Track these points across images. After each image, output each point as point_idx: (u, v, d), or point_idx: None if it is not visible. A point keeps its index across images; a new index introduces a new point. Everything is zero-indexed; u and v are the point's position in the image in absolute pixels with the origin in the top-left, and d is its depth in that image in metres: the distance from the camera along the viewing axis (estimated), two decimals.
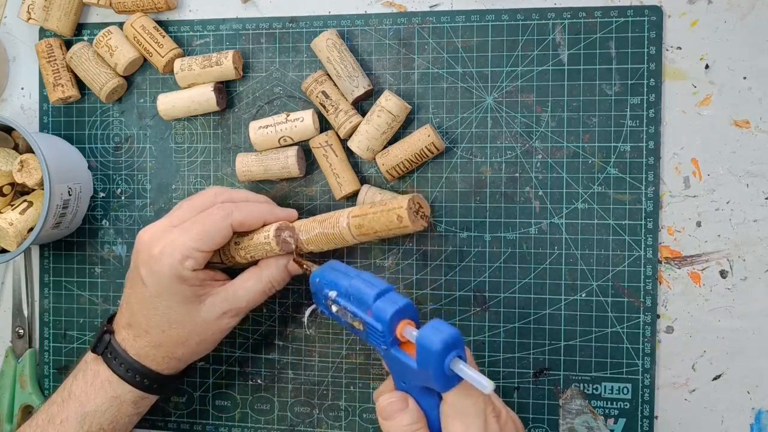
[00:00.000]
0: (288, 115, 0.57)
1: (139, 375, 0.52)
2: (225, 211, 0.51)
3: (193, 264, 0.50)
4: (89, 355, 0.54)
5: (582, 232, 0.55)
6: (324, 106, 0.57)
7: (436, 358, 0.39)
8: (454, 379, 0.41)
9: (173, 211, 0.53)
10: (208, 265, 0.53)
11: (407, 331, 0.42)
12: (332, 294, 0.47)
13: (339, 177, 0.57)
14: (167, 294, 0.50)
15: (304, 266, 0.52)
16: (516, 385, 0.57)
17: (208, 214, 0.51)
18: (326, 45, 0.56)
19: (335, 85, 0.57)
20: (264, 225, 0.53)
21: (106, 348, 0.53)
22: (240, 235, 0.54)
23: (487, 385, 0.38)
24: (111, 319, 0.55)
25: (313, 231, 0.53)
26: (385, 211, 0.50)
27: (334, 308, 0.47)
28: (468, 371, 0.39)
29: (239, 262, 0.55)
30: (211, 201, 0.53)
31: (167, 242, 0.50)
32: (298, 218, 0.55)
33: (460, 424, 0.42)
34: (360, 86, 0.56)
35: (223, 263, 0.55)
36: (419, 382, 0.43)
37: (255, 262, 0.54)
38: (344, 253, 0.59)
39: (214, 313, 0.52)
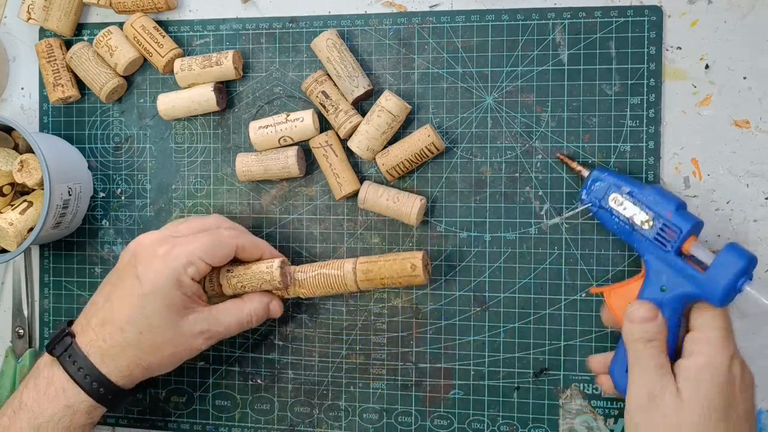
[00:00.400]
0: (288, 115, 0.57)
1: (96, 382, 0.51)
2: (233, 233, 0.54)
3: (193, 272, 0.51)
4: (43, 360, 0.53)
5: (582, 232, 0.55)
6: (324, 106, 0.57)
7: (733, 277, 0.46)
8: (731, 299, 0.47)
9: (173, 225, 0.55)
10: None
11: (694, 245, 0.48)
12: (625, 188, 0.50)
13: (339, 177, 0.57)
14: (159, 295, 0.50)
15: (574, 167, 0.54)
16: (516, 385, 0.57)
17: (217, 231, 0.54)
18: (326, 45, 0.56)
19: (335, 85, 0.57)
20: (260, 259, 0.56)
21: (65, 351, 0.52)
22: (233, 263, 0.55)
23: None
24: (70, 323, 0.54)
25: (312, 271, 0.55)
26: (398, 260, 0.53)
27: (619, 202, 0.50)
28: (757, 295, 0.46)
29: (222, 293, 0.56)
30: (215, 225, 0.55)
31: (174, 245, 0.52)
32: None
33: (717, 333, 0.46)
34: (360, 86, 0.56)
35: (205, 292, 0.56)
36: (689, 290, 0.47)
37: (237, 296, 0.56)
38: (344, 253, 0.59)
39: (193, 330, 0.52)
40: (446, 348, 0.58)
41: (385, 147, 0.57)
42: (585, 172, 0.53)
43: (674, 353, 0.48)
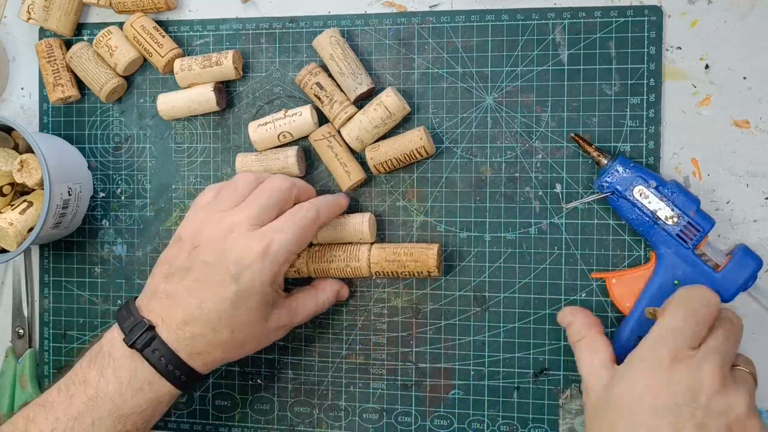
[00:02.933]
0: (286, 112, 0.57)
1: (184, 375, 0.50)
2: (314, 213, 0.53)
3: (286, 268, 0.51)
4: (119, 351, 0.50)
5: (582, 232, 0.55)
6: (319, 98, 0.57)
7: (749, 278, 0.50)
8: (739, 294, 0.50)
9: (251, 201, 0.52)
10: None
11: (707, 244, 0.52)
12: (652, 182, 0.51)
13: (347, 166, 0.57)
14: (256, 295, 0.49)
15: (592, 152, 0.54)
16: (516, 385, 0.57)
17: (300, 217, 0.52)
18: (329, 42, 0.56)
19: (330, 77, 0.57)
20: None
21: (147, 345, 0.49)
22: (323, 249, 0.57)
23: None
24: (134, 300, 0.52)
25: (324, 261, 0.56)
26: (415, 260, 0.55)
27: (645, 195, 0.51)
28: (759, 297, 0.53)
29: (299, 273, 0.57)
30: (288, 194, 0.53)
31: (269, 242, 0.50)
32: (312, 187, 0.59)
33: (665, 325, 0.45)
34: (363, 83, 0.56)
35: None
36: (701, 281, 0.50)
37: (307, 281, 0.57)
38: None
39: (276, 324, 0.52)
40: (446, 348, 0.58)
41: (377, 141, 0.57)
42: (604, 160, 0.53)
43: None
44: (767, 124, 0.53)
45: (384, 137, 0.57)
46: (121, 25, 0.61)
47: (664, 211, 0.51)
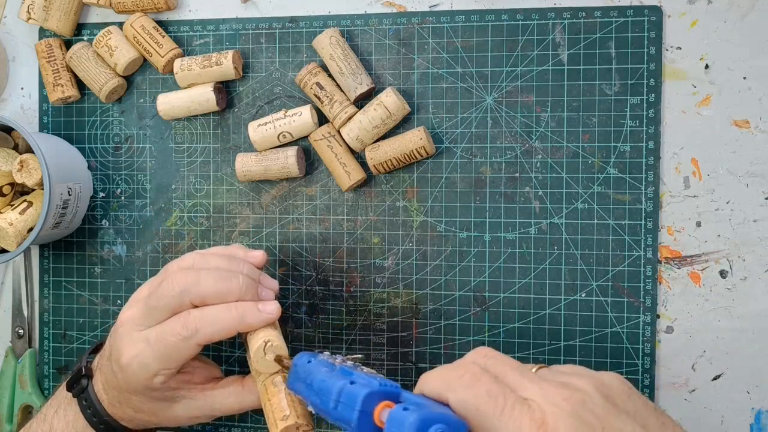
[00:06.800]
0: (286, 112, 0.57)
1: (108, 429, 0.51)
2: (187, 333, 0.47)
3: (162, 379, 0.48)
4: (64, 392, 0.52)
5: (582, 232, 0.55)
6: (319, 98, 0.57)
7: None
8: None
9: (148, 297, 0.49)
10: (181, 369, 0.50)
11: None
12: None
13: (347, 165, 0.57)
14: (139, 394, 0.49)
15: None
16: None
17: (172, 332, 0.47)
18: (329, 42, 0.56)
19: (330, 77, 0.57)
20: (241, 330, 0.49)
21: (81, 393, 0.51)
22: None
23: None
24: (96, 349, 0.54)
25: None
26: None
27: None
28: None
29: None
30: (178, 301, 0.48)
31: (135, 353, 0.47)
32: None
33: None
34: (363, 83, 0.56)
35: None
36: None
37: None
38: (344, 253, 0.59)
39: (187, 414, 0.51)
40: (446, 348, 0.58)
41: (377, 141, 0.57)
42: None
43: None
44: (767, 124, 0.53)
45: (384, 137, 0.57)
46: (121, 25, 0.61)
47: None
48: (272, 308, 0.48)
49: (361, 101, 0.57)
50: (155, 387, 0.48)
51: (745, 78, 0.54)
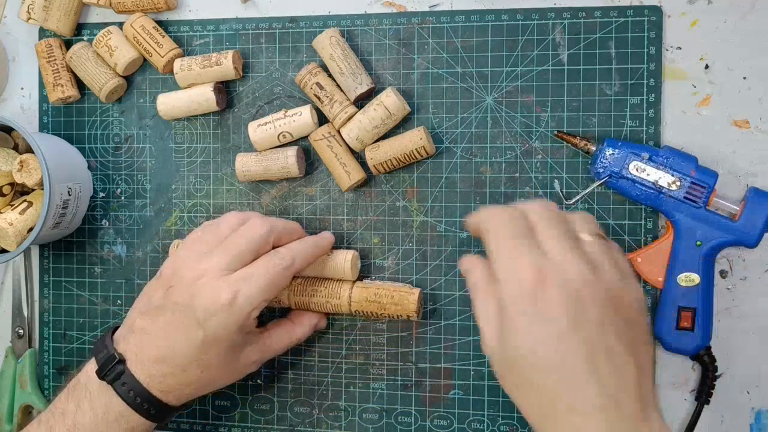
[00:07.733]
0: (286, 112, 0.57)
1: (155, 410, 0.51)
2: (288, 261, 0.52)
3: (257, 313, 0.51)
4: (94, 383, 0.51)
5: None
6: (319, 98, 0.57)
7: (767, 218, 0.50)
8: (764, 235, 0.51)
9: (213, 230, 0.53)
10: None
11: (717, 197, 0.51)
12: (644, 155, 0.51)
13: (347, 165, 0.57)
14: (223, 341, 0.50)
15: (578, 143, 0.54)
16: None
17: (273, 264, 0.51)
18: (330, 42, 0.56)
19: (330, 77, 0.57)
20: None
21: (117, 379, 0.50)
22: (306, 284, 0.57)
23: None
24: (114, 331, 0.53)
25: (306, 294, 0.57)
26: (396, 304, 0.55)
27: (641, 169, 0.51)
28: None
29: (280, 304, 0.58)
30: (265, 240, 0.52)
31: (236, 292, 0.49)
32: (299, 226, 0.58)
33: None
34: (363, 83, 0.56)
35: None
36: (725, 239, 0.51)
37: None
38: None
39: (248, 360, 0.53)
40: (446, 348, 0.58)
41: (377, 141, 0.57)
42: (592, 147, 0.53)
43: (710, 303, 0.52)
44: (767, 124, 0.53)
45: (384, 137, 0.57)
46: (121, 25, 0.61)
47: (664, 178, 0.51)
48: (329, 234, 0.58)
49: (361, 101, 0.57)
50: (248, 325, 0.51)
51: (745, 78, 0.54)
